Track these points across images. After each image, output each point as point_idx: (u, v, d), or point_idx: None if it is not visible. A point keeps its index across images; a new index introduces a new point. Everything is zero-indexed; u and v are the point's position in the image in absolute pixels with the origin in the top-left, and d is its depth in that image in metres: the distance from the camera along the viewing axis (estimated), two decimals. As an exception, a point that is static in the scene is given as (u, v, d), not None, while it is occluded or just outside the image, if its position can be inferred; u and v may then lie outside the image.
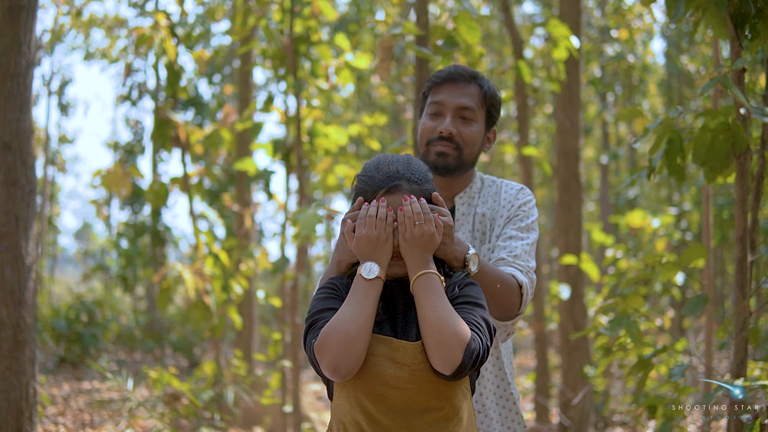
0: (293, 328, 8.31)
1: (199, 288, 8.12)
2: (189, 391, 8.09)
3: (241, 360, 9.73)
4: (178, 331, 15.60)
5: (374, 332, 2.83)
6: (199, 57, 8.90)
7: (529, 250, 3.49)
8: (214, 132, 9.04)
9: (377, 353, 2.80)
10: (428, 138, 3.62)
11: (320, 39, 8.21)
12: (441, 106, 3.61)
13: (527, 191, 3.67)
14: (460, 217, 3.63)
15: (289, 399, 8.67)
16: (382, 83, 16.91)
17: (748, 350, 4.64)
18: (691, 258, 5.13)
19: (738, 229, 4.64)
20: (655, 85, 20.68)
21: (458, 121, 3.58)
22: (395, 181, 2.90)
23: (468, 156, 3.60)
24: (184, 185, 8.53)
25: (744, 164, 4.57)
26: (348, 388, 2.81)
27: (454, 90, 3.62)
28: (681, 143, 4.65)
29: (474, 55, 5.89)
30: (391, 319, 2.92)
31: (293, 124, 8.29)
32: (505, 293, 3.29)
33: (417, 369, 2.78)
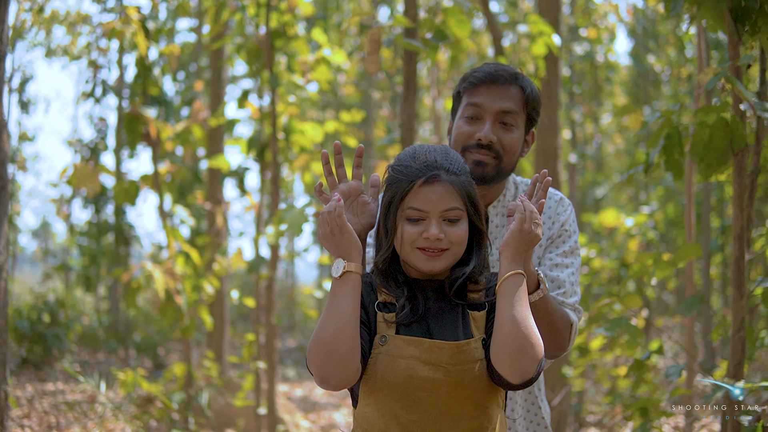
0: (268, 328, 8.17)
1: (170, 287, 7.95)
2: (160, 393, 7.93)
3: (212, 361, 9.57)
4: (141, 331, 15.39)
5: (403, 334, 2.70)
6: (170, 52, 8.72)
7: (575, 279, 3.31)
8: (185, 128, 8.87)
9: (407, 355, 2.66)
10: (464, 144, 3.35)
11: (296, 34, 8.06)
12: (480, 110, 3.32)
13: (566, 202, 3.45)
14: (494, 229, 3.44)
15: (263, 401, 8.54)
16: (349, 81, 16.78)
17: (720, 348, 4.56)
18: (685, 256, 5.05)
19: (735, 227, 4.55)
20: (618, 85, 20.72)
21: (498, 126, 3.31)
22: (433, 171, 2.71)
23: (507, 164, 3.35)
24: (155, 183, 8.35)
25: (742, 161, 4.49)
26: (377, 394, 2.68)
27: (494, 92, 3.32)
28: (680, 138, 4.56)
29: (463, 49, 5.77)
30: (423, 321, 2.75)
31: (268, 120, 8.14)
32: (559, 328, 3.14)
33: (453, 370, 2.65)
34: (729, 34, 4.42)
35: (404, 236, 2.73)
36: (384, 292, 2.80)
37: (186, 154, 10.79)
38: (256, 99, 8.82)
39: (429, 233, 2.70)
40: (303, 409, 11.39)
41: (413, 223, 2.73)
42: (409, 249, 2.75)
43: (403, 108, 5.62)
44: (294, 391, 13.25)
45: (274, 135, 7.99)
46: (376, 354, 2.68)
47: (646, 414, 5.13)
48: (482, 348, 2.70)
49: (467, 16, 6.44)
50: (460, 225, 2.74)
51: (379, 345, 2.69)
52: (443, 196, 2.71)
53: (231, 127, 8.63)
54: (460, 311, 2.78)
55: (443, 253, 2.73)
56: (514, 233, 2.71)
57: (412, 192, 2.71)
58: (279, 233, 7.56)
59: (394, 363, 2.66)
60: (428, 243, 2.71)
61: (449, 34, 5.63)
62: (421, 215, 2.72)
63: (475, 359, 2.67)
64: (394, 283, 2.81)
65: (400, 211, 2.74)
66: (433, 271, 2.75)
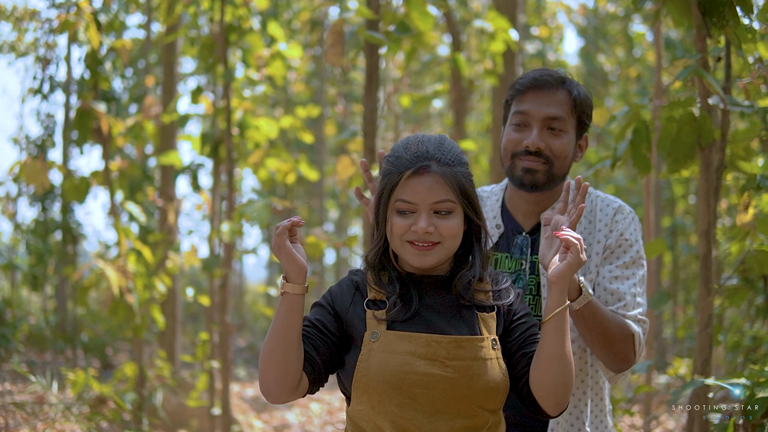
0: (222, 327, 8.04)
1: (122, 286, 7.81)
2: (113, 393, 7.78)
3: (164, 361, 9.42)
4: (89, 331, 15.16)
5: (398, 330, 2.62)
6: (122, 46, 8.55)
7: (638, 290, 3.20)
8: (137, 124, 8.71)
9: (401, 351, 2.59)
10: (513, 151, 3.28)
11: (251, 28, 7.94)
12: (526, 117, 3.25)
13: (626, 210, 3.33)
14: (545, 239, 3.21)
15: (217, 401, 8.42)
16: (299, 79, 16.66)
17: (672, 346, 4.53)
18: (651, 252, 5.00)
19: (702, 223, 4.53)
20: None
21: (546, 132, 3.24)
22: (423, 161, 2.62)
23: (559, 170, 3.27)
24: (105, 179, 8.20)
25: (709, 157, 4.46)
26: (370, 392, 2.59)
27: (540, 98, 3.26)
28: (647, 133, 4.52)
29: (426, 42, 5.69)
30: (419, 316, 2.67)
31: (222, 115, 8.02)
32: (616, 339, 3.06)
33: (451, 365, 2.57)
34: (696, 27, 4.39)
35: (393, 229, 2.67)
36: (374, 288, 2.72)
37: (137, 151, 10.63)
38: (210, 94, 8.69)
39: (417, 226, 2.62)
40: (255, 409, 11.27)
41: (403, 216, 2.65)
42: (399, 242, 2.67)
43: (365, 102, 5.53)
44: (245, 390, 13.11)
45: (229, 131, 7.86)
46: (368, 351, 2.61)
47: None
48: (492, 349, 2.63)
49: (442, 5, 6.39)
50: (453, 218, 2.65)
51: (371, 342, 2.61)
52: (433, 188, 2.62)
53: (184, 123, 8.48)
54: (470, 309, 2.71)
55: (434, 247, 2.65)
56: (572, 266, 2.61)
57: (401, 183, 2.63)
58: (235, 230, 7.44)
59: (389, 359, 2.58)
60: (417, 236, 2.64)
61: (412, 26, 5.55)
62: (410, 207, 2.64)
63: (477, 357, 2.60)
64: (386, 279, 2.74)
65: (391, 203, 2.66)
66: (424, 266, 2.68)
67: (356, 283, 2.76)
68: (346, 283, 2.77)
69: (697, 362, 4.50)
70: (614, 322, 3.05)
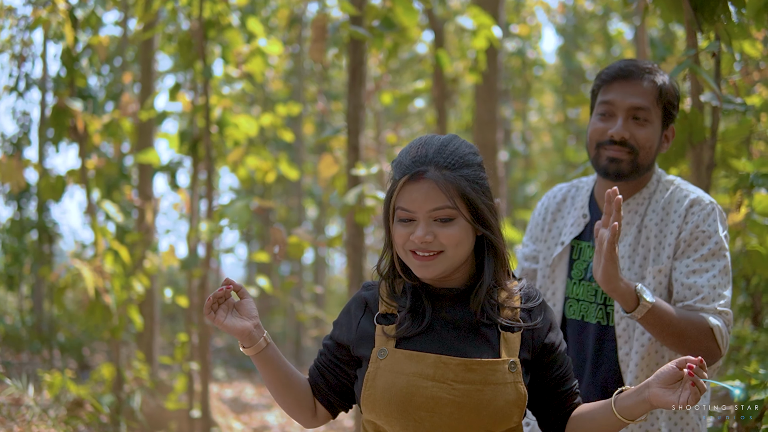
0: (201, 328, 7.93)
1: (99, 286, 7.68)
2: (90, 396, 7.65)
3: (142, 362, 9.29)
4: (66, 331, 15.00)
5: (401, 348, 2.52)
6: (98, 43, 8.41)
7: (719, 282, 3.16)
8: (113, 122, 8.57)
9: (408, 372, 2.48)
10: (598, 141, 3.30)
11: (230, 24, 7.82)
12: (611, 107, 3.28)
13: (705, 201, 3.28)
14: (624, 226, 3.30)
15: (196, 403, 8.31)
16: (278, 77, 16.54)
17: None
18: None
19: (693, 221, 4.42)
20: (546, 83, 20.78)
21: (631, 122, 3.25)
22: (419, 167, 2.48)
23: (644, 160, 3.27)
24: (82, 178, 8.06)
25: (700, 154, 4.37)
26: (377, 411, 2.51)
27: (625, 88, 3.27)
28: (638, 130, 4.42)
29: (410, 38, 5.59)
30: (431, 332, 2.55)
31: (201, 113, 7.90)
32: (690, 336, 3.02)
33: (459, 389, 2.45)
34: (687, 23, 4.30)
35: (395, 238, 2.55)
36: (386, 302, 2.61)
37: (114, 149, 10.48)
38: (189, 92, 8.57)
39: (415, 235, 2.49)
40: (234, 410, 11.17)
41: (403, 224, 2.52)
42: (403, 252, 2.55)
43: (349, 98, 5.43)
44: (224, 391, 13.01)
45: (208, 128, 7.74)
46: (375, 369, 2.52)
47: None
48: (509, 372, 2.50)
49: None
50: (454, 225, 2.49)
51: (378, 359, 2.51)
52: (429, 195, 2.47)
53: (161, 120, 8.35)
54: (491, 328, 2.57)
55: (437, 256, 2.50)
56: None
57: (400, 190, 2.51)
58: (214, 230, 7.32)
59: (396, 379, 2.48)
60: (416, 246, 2.50)
61: (396, 21, 5.45)
62: (409, 215, 2.51)
63: (489, 381, 2.47)
64: (400, 289, 2.63)
65: (392, 211, 2.56)
66: (427, 277, 2.54)
67: (365, 299, 2.65)
68: (354, 303, 2.67)
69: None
70: (686, 320, 3.02)
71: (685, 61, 4.05)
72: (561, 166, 20.61)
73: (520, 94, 19.21)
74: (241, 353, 17.25)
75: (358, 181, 5.66)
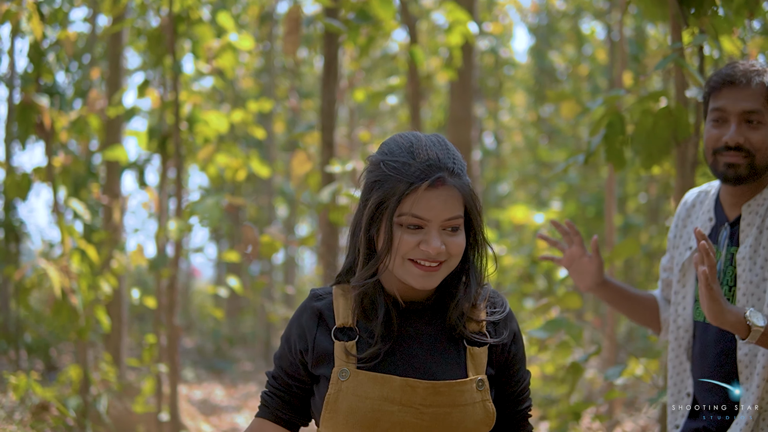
0: (170, 329, 7.78)
1: (65, 286, 7.51)
2: (55, 398, 7.48)
3: (110, 364, 9.11)
4: (33, 332, 14.79)
5: (364, 369, 2.39)
6: (66, 38, 8.23)
7: None
8: (81, 118, 8.39)
9: (373, 396, 2.37)
10: (714, 147, 3.30)
11: (201, 18, 7.66)
12: (723, 113, 3.27)
13: None
14: (745, 227, 3.28)
15: (165, 406, 8.15)
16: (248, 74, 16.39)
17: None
18: (623, 252, 4.80)
19: (678, 221, 4.32)
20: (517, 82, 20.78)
21: (744, 126, 3.24)
22: (437, 172, 2.34)
23: (761, 161, 3.26)
24: (48, 176, 7.89)
25: (685, 152, 4.27)
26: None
27: (734, 93, 3.26)
28: (623, 126, 4.31)
29: (386, 31, 5.46)
30: (398, 350, 2.43)
31: (170, 109, 7.74)
32: None
33: (427, 413, 2.36)
34: (672, 17, 4.20)
35: (400, 246, 2.37)
36: (343, 315, 2.46)
37: (82, 146, 10.30)
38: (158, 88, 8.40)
39: (431, 246, 2.35)
40: (203, 413, 11.01)
41: (410, 231, 2.37)
42: (400, 261, 2.39)
43: (323, 93, 5.31)
44: (193, 392, 12.85)
45: (177, 125, 7.58)
46: (337, 391, 2.39)
47: (579, 418, 4.85)
48: (477, 390, 2.40)
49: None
50: (460, 234, 2.40)
51: (340, 380, 2.38)
52: (448, 203, 2.36)
53: (130, 117, 8.19)
54: (458, 343, 2.47)
55: (441, 266, 2.38)
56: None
57: (413, 196, 2.34)
58: (183, 228, 7.17)
59: (360, 404, 2.36)
60: (426, 256, 2.36)
61: (372, 14, 5.30)
62: (421, 223, 2.36)
63: (457, 403, 2.38)
64: (368, 305, 2.47)
65: (395, 217, 2.37)
66: (427, 287, 2.41)
67: (318, 311, 2.50)
68: (306, 315, 2.52)
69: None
70: None
71: (671, 55, 3.94)
72: (533, 166, 20.59)
73: (492, 93, 19.16)
74: (211, 353, 17.19)
75: (333, 178, 5.54)
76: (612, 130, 4.29)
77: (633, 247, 4.80)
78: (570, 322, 4.61)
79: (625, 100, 4.45)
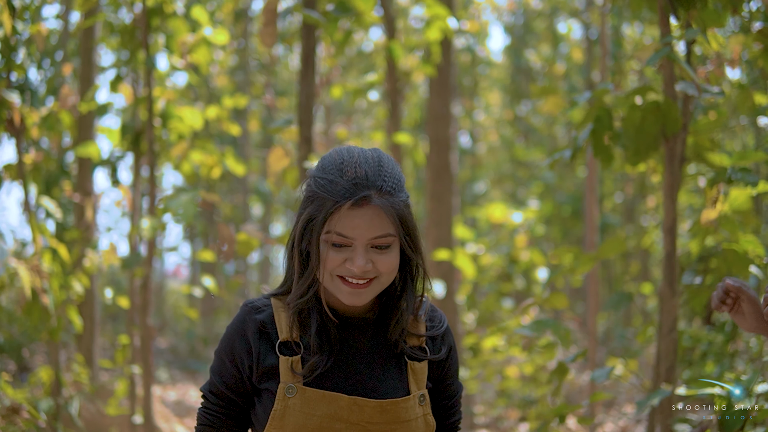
0: (143, 330, 7.64)
1: (36, 286, 7.36)
2: (26, 401, 7.33)
3: (82, 365, 8.96)
4: (5, 332, 14.62)
5: (311, 386, 2.39)
6: (37, 32, 8.07)
7: None
8: (52, 114, 8.23)
9: (319, 413, 2.38)
10: None
11: (175, 12, 7.52)
12: None
13: None
14: None
15: (138, 408, 8.02)
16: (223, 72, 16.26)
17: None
18: (609, 251, 4.69)
19: (666, 219, 4.24)
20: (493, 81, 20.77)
21: None
22: (363, 191, 2.34)
23: None
24: (19, 173, 7.73)
25: (674, 148, 4.17)
26: None
27: None
28: (610, 121, 4.21)
29: (366, 23, 5.34)
30: (343, 366, 2.43)
31: (143, 105, 7.59)
32: None
33: (372, 430, 2.39)
34: (661, 9, 4.10)
35: (327, 263, 2.38)
36: (286, 329, 2.44)
37: (53, 143, 10.13)
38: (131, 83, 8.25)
39: (355, 264, 2.35)
40: (178, 414, 10.86)
41: (336, 249, 2.38)
42: (329, 277, 2.40)
43: (301, 87, 5.18)
44: (167, 393, 12.71)
45: (150, 121, 7.44)
46: (283, 408, 2.39)
47: (564, 420, 4.74)
48: (419, 405, 2.42)
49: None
50: (391, 252, 2.39)
51: (286, 397, 2.37)
52: (373, 222, 2.35)
53: (103, 112, 8.04)
54: (399, 358, 2.47)
55: (370, 283, 2.37)
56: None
57: (337, 215, 2.35)
58: (156, 226, 7.03)
59: (307, 421, 2.37)
60: (351, 273, 2.36)
61: (351, 6, 5.17)
62: (345, 242, 2.37)
63: (401, 420, 2.42)
64: (308, 322, 2.45)
65: (322, 234, 2.38)
66: (357, 304, 2.39)
67: (260, 323, 2.48)
68: (251, 331, 2.48)
69: (661, 369, 4.21)
70: None
71: (663, 48, 3.83)
72: (509, 165, 20.57)
73: (468, 92, 19.12)
74: (185, 353, 17.04)
75: (311, 175, 5.41)
76: (599, 125, 4.18)
77: (619, 245, 4.69)
78: (558, 323, 4.50)
79: (606, 97, 4.33)
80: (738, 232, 4.37)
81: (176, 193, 6.20)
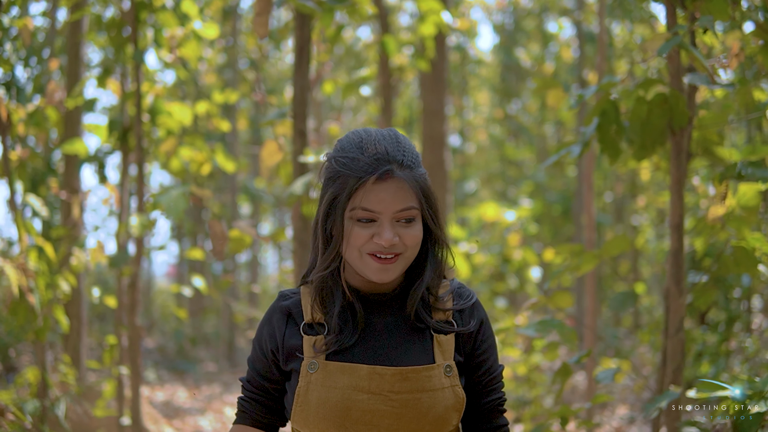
0: (131, 330, 7.51)
1: (22, 285, 7.22)
2: (12, 402, 7.20)
3: (69, 366, 8.82)
4: (-9, 331, 14.50)
5: (332, 360, 2.42)
6: (24, 26, 7.92)
7: None
8: (38, 110, 8.09)
9: (341, 385, 2.39)
10: None
11: (164, 5, 7.38)
12: None
13: None
14: None
15: (126, 410, 7.90)
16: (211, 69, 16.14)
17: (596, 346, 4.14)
18: (613, 249, 4.56)
19: (673, 216, 4.11)
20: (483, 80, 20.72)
21: None
22: (385, 165, 2.37)
23: None
24: (5, 170, 7.59)
25: (681, 142, 4.04)
26: (310, 425, 2.47)
27: None
28: (617, 115, 4.08)
29: (362, 13, 5.21)
30: (365, 341, 2.46)
31: (131, 100, 7.45)
32: None
33: (396, 399, 2.37)
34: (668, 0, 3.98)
35: (352, 240, 2.41)
36: (310, 311, 2.47)
37: (39, 140, 9.99)
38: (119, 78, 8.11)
39: (383, 238, 2.37)
40: (166, 415, 10.74)
41: (363, 225, 2.40)
42: (358, 254, 2.42)
43: (295, 79, 5.04)
44: (155, 394, 12.58)
45: (139, 117, 7.30)
46: (306, 383, 2.43)
47: (566, 423, 4.61)
48: (445, 376, 2.44)
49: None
50: (416, 226, 2.43)
51: (309, 373, 2.43)
52: (397, 195, 2.38)
53: (90, 108, 7.90)
54: (424, 332, 2.45)
55: (397, 258, 2.38)
56: None
57: (362, 190, 2.38)
58: (145, 224, 6.89)
59: (329, 394, 2.40)
60: (380, 248, 2.39)
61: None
62: (372, 216, 2.39)
63: (425, 389, 2.40)
64: (329, 299, 2.47)
65: (347, 212, 2.40)
66: (385, 280, 2.41)
67: (287, 309, 2.54)
68: (276, 314, 2.55)
69: (668, 370, 4.08)
70: None
71: (674, 38, 3.70)
72: (499, 164, 20.50)
73: (458, 90, 19.05)
74: (173, 354, 16.91)
75: (306, 169, 5.29)
76: (606, 119, 4.06)
77: (623, 243, 4.57)
78: (563, 324, 4.38)
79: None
80: (745, 230, 4.26)
81: (166, 189, 6.06)
